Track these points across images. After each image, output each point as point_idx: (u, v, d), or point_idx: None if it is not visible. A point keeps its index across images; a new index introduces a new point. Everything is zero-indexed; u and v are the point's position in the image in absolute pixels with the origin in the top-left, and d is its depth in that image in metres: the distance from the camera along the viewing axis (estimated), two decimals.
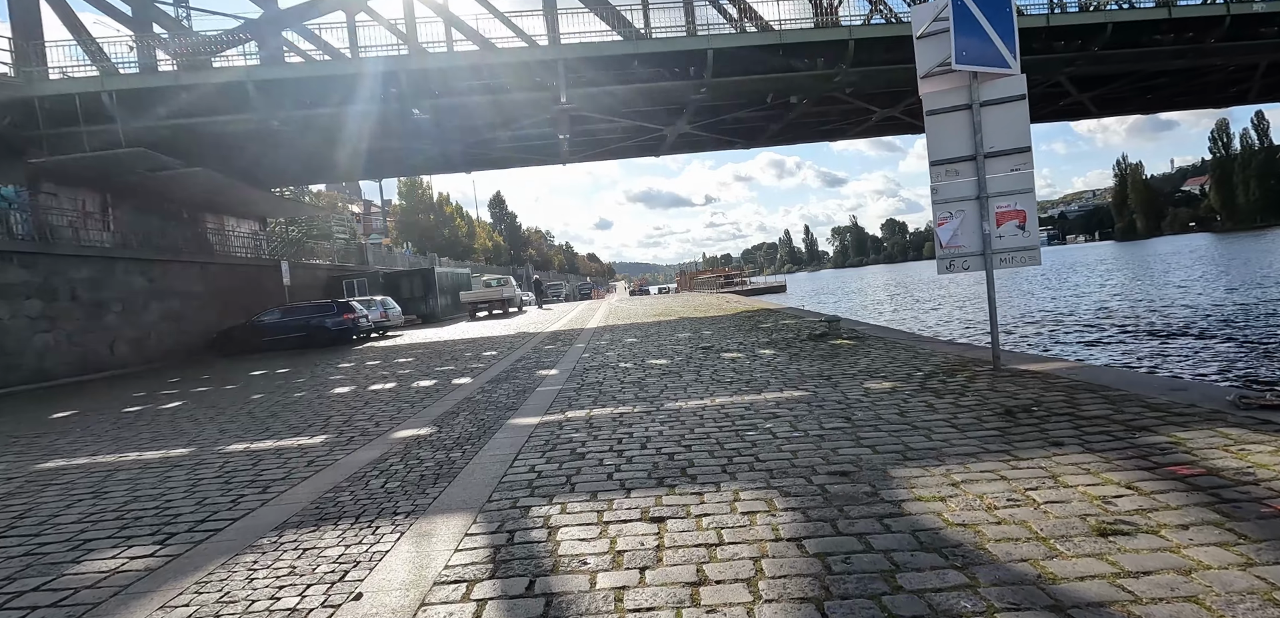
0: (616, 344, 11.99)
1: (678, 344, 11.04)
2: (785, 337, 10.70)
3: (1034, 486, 3.13)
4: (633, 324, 16.96)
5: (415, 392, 8.31)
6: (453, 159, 24.87)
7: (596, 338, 13.80)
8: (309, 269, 27.37)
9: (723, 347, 10.09)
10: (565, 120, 21.75)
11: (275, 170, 25.20)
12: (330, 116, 18.76)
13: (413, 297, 27.83)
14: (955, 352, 7.73)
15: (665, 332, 13.77)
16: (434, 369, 10.62)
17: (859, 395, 5.62)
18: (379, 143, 22.59)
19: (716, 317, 17.00)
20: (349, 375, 10.85)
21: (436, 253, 52.37)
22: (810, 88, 20.90)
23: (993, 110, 6.08)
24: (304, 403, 8.19)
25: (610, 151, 27.31)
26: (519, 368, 9.76)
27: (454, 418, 6.22)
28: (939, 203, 6.32)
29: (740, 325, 13.70)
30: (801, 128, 27.14)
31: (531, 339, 15.02)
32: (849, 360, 7.65)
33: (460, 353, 13.08)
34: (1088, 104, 27.53)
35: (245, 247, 25.50)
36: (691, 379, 7.27)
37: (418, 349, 15.15)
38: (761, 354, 8.87)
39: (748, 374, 7.26)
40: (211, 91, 17.62)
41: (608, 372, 8.47)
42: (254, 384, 10.85)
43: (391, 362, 12.54)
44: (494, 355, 12.08)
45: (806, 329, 11.41)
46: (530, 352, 12.14)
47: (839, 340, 9.60)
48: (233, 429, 6.73)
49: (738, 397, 5.98)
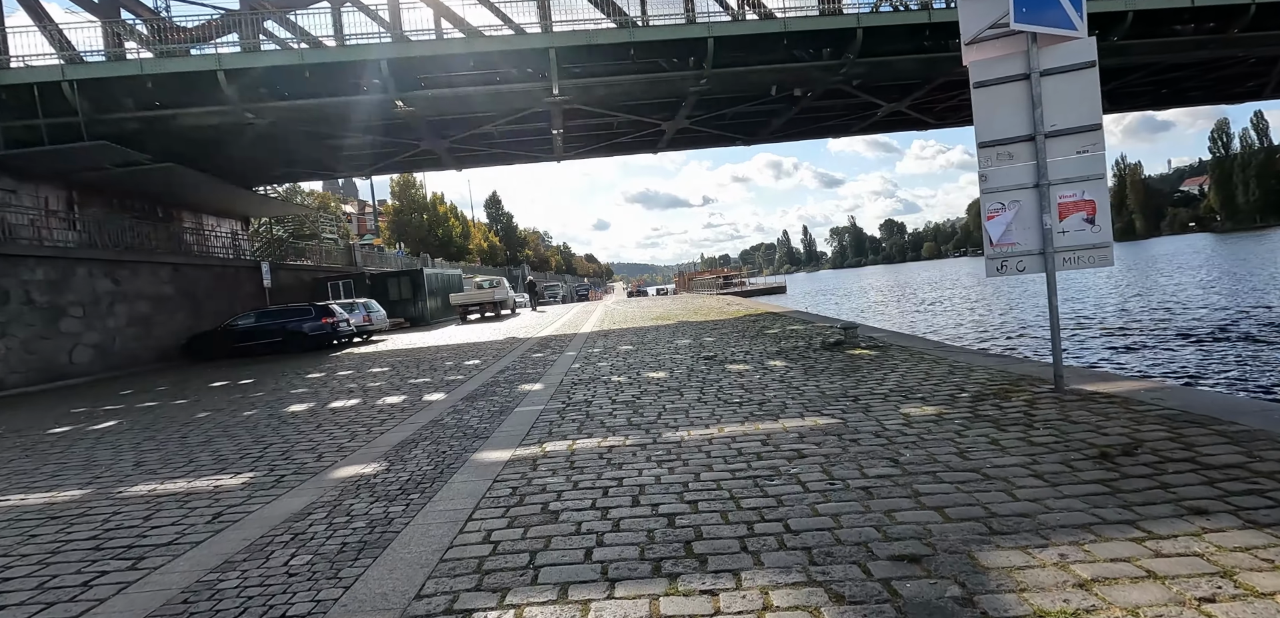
0: (610, 353, 10.98)
1: (677, 353, 10.03)
2: (796, 345, 9.69)
3: (1204, 589, 2.13)
4: (629, 329, 15.95)
5: (378, 411, 7.29)
6: (441, 155, 23.83)
7: (589, 345, 12.78)
8: (293, 271, 26.30)
9: (727, 357, 9.08)
10: (558, 114, 20.74)
11: (256, 168, 24.15)
12: (308, 109, 17.73)
13: (401, 299, 26.75)
14: (997, 366, 6.72)
15: (663, 338, 12.77)
16: (407, 382, 9.59)
17: (899, 424, 4.61)
18: (362, 138, 21.56)
19: (718, 321, 16.00)
20: (314, 389, 9.82)
21: (428, 253, 51.26)
22: (815, 79, 19.91)
23: (1056, 81, 5.08)
24: (250, 425, 7.16)
25: (606, 148, 26.30)
26: (500, 381, 8.75)
27: (411, 450, 5.20)
28: (989, 192, 5.31)
29: (744, 331, 12.69)
30: (804, 123, 26.15)
31: (520, 346, 14.00)
32: (874, 375, 6.65)
33: (441, 362, 12.05)
34: None
35: (225, 247, 24.44)
36: (694, 399, 6.26)
37: (397, 357, 14.12)
38: (772, 366, 7.86)
39: (759, 393, 6.25)
40: (180, 82, 16.58)
41: (598, 387, 7.46)
42: (208, 398, 9.82)
43: (365, 372, 11.51)
44: (476, 365, 11.05)
45: (819, 336, 10.41)
46: (516, 361, 11.12)
47: (857, 350, 8.59)
48: (151, 462, 5.70)
49: (750, 424, 4.97)
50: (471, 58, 17.68)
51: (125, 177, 18.41)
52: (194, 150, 20.43)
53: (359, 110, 18.04)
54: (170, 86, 16.80)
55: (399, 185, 54.21)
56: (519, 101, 18.90)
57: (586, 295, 72.64)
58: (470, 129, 21.46)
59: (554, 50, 17.20)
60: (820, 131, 28.35)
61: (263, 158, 23.17)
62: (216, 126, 18.23)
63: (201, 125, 18.00)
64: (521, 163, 27.33)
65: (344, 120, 19.05)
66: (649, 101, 21.64)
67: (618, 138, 24.98)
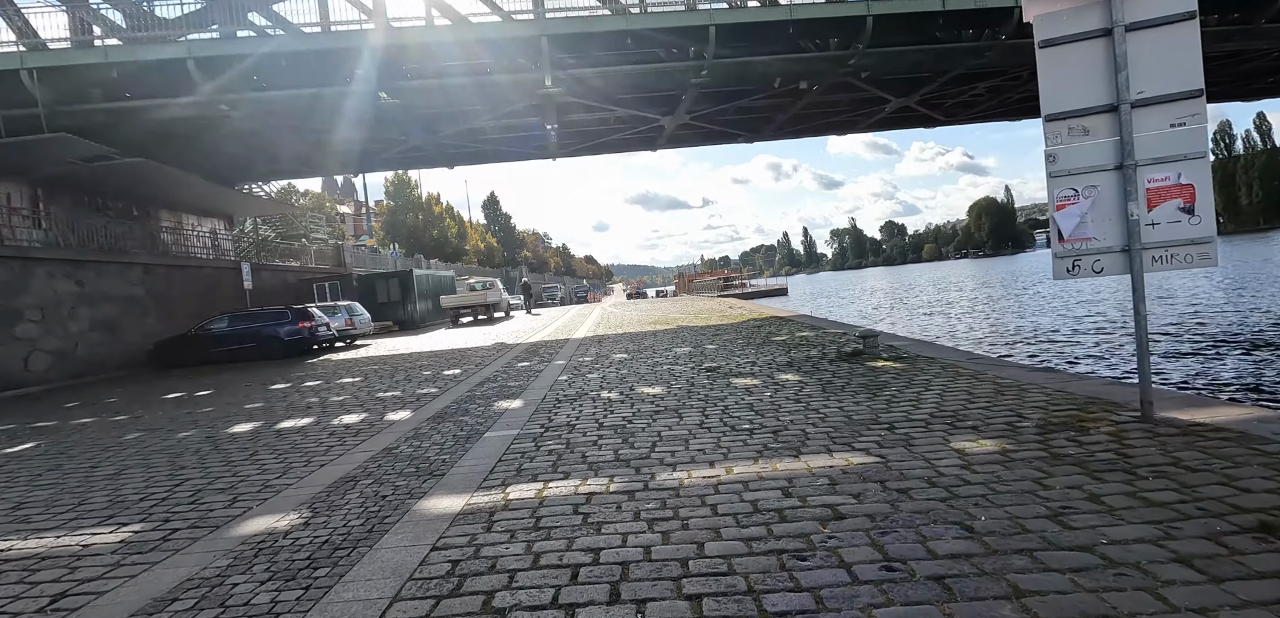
0: (603, 362, 9.99)
1: (676, 363, 9.04)
2: (808, 355, 8.70)
3: None
4: (625, 334, 14.96)
5: (329, 434, 6.29)
6: (430, 152, 22.84)
7: (581, 352, 11.79)
8: (277, 272, 25.30)
9: (732, 368, 8.09)
10: (552, 109, 19.74)
11: (238, 164, 23.15)
12: (286, 102, 16.74)
13: (389, 302, 25.71)
14: (1053, 383, 5.73)
15: (661, 345, 11.78)
16: (374, 396, 8.60)
17: (955, 466, 3.63)
18: (348, 134, 20.56)
19: (720, 326, 15.01)
20: (270, 404, 8.82)
21: (423, 254, 50.25)
22: (822, 71, 18.93)
23: (1145, 36, 4.10)
24: (177, 451, 6.17)
25: (603, 145, 25.28)
26: (476, 396, 7.75)
27: (346, 494, 4.21)
28: (1058, 176, 4.33)
29: (749, 337, 11.70)
30: (809, 119, 25.15)
31: (507, 353, 13.01)
32: (907, 395, 5.66)
33: (418, 372, 11.06)
34: None
35: (205, 247, 23.44)
36: (695, 423, 5.27)
37: (374, 365, 13.13)
38: (784, 381, 6.87)
39: (772, 416, 5.25)
40: (147, 72, 15.58)
41: (585, 406, 6.47)
42: (151, 414, 8.82)
43: (333, 382, 10.52)
44: (455, 375, 10.06)
45: (833, 345, 9.41)
46: (500, 370, 10.13)
47: (879, 362, 7.60)
48: (34, 504, 4.70)
49: (766, 463, 3.98)
50: (459, 46, 16.70)
51: (93, 172, 17.42)
52: (169, 146, 19.45)
53: (341, 104, 17.05)
54: (138, 77, 15.80)
55: (394, 185, 53.22)
56: (510, 95, 17.91)
57: (585, 297, 71.60)
58: (460, 125, 20.47)
59: (546, 38, 16.21)
60: (825, 128, 27.34)
61: (244, 154, 22.17)
62: (189, 120, 17.24)
63: (173, 119, 16.99)
64: (516, 161, 26.36)
65: (326, 114, 18.06)
66: (647, 95, 20.65)
67: (615, 135, 23.98)
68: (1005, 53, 18.79)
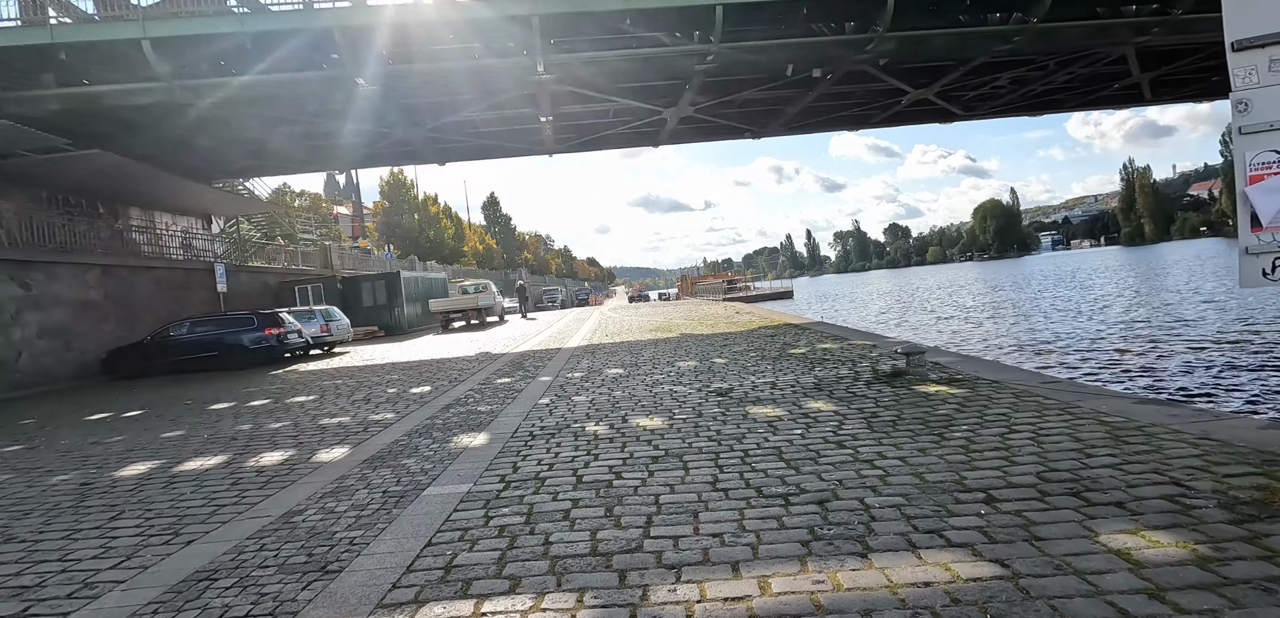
0: (594, 380, 8.57)
1: (680, 384, 7.62)
2: (838, 373, 7.27)
3: None
4: (622, 344, 13.55)
5: (231, 485, 4.88)
6: (418, 147, 21.45)
7: (572, 366, 10.37)
8: (257, 274, 23.92)
9: (748, 391, 6.67)
10: (547, 99, 18.36)
11: (213, 159, 21.78)
12: (253, 88, 15.36)
13: (376, 305, 24.27)
14: (1190, 426, 4.28)
15: (662, 357, 10.35)
16: (317, 422, 7.19)
17: (1135, 593, 2.20)
18: (326, 125, 19.21)
19: (728, 334, 13.58)
20: (191, 432, 7.42)
21: (418, 256, 48.88)
22: (837, 58, 17.50)
23: None
24: (24, 508, 4.76)
25: (602, 140, 23.87)
26: (435, 427, 6.34)
27: (178, 613, 2.80)
28: (1253, 131, 2.90)
29: (762, 348, 10.27)
30: (820, 113, 23.72)
31: (489, 366, 11.60)
32: (985, 439, 4.24)
33: (381, 389, 9.65)
34: (1144, 87, 24.19)
35: (180, 247, 22.07)
36: (706, 482, 3.86)
37: (338, 379, 11.73)
38: (815, 412, 5.45)
39: (812, 472, 3.84)
40: (100, 53, 14.23)
41: (563, 446, 5.06)
42: (50, 443, 7.42)
43: (283, 402, 9.11)
44: (422, 395, 8.65)
45: (864, 360, 7.97)
46: (474, 389, 8.72)
47: (930, 386, 6.17)
48: None
49: (821, 570, 2.56)
50: (444, 27, 15.31)
51: (50, 165, 16.09)
52: (136, 138, 18.10)
53: (313, 91, 15.68)
54: (89, 59, 14.45)
55: (389, 186, 51.90)
56: (500, 82, 16.50)
57: (586, 300, 70.23)
58: (449, 117, 19.06)
59: (538, 17, 14.81)
60: (836, 123, 25.89)
61: (219, 148, 20.80)
62: (153, 110, 15.88)
63: (137, 107, 15.63)
64: (510, 157, 24.95)
65: (301, 104, 16.71)
66: (647, 86, 19.26)
67: (614, 129, 22.58)
68: (1034, 37, 17.37)
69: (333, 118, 18.58)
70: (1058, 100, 26.07)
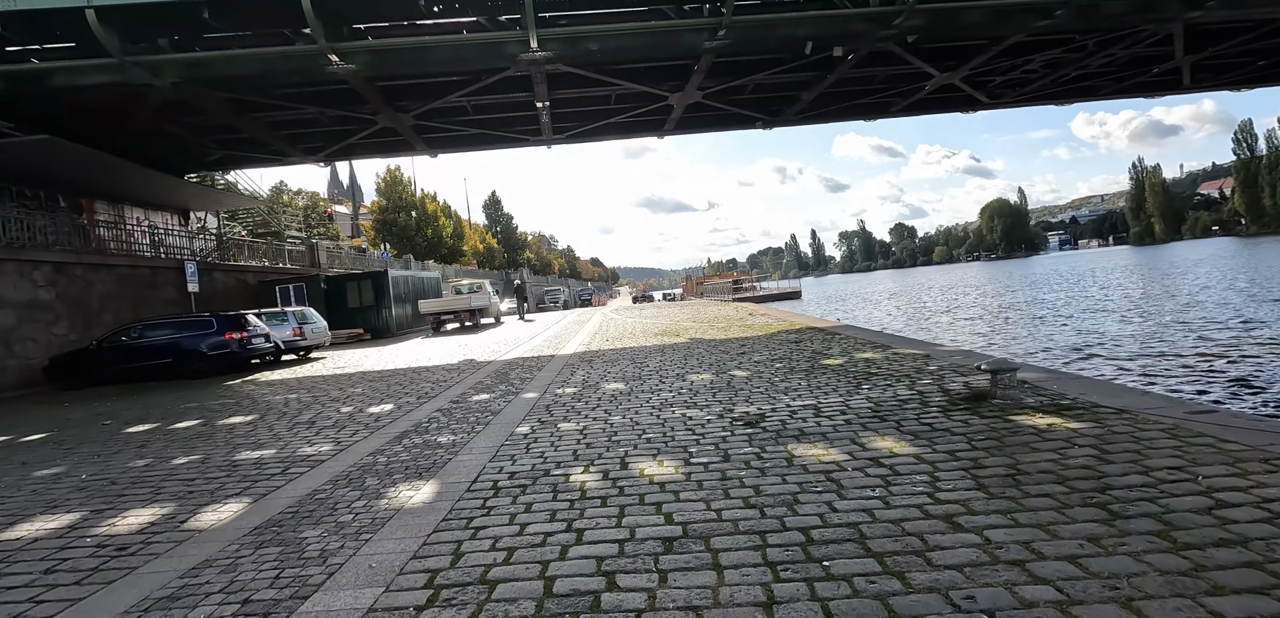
0: (588, 399, 7.02)
1: (695, 405, 6.06)
2: (895, 393, 5.70)
3: None
4: (624, 350, 11.99)
5: (47, 569, 3.33)
6: (404, 135, 19.85)
7: (564, 378, 8.82)
8: (236, 273, 22.40)
9: (785, 420, 5.10)
10: (542, 80, 16.80)
11: (187, 149, 20.29)
12: (214, 65, 13.85)
13: (361, 307, 22.71)
14: None
15: (671, 368, 8.79)
16: (235, 455, 5.65)
17: None
18: (304, 111, 17.71)
19: (743, 339, 12.01)
20: (72, 468, 5.90)
21: (415, 255, 47.36)
22: (860, 34, 15.89)
23: None
24: None
25: (603, 129, 22.26)
26: (372, 471, 4.79)
27: None
28: None
29: (788, 358, 8.70)
30: (835, 100, 22.10)
31: (469, 377, 10.06)
32: (1182, 513, 2.66)
33: (333, 408, 8.11)
34: (1185, 72, 22.52)
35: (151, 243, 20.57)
36: (751, 604, 2.28)
37: (293, 392, 10.20)
38: (888, 456, 3.87)
39: (926, 580, 2.25)
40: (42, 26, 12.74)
41: (536, 513, 3.51)
42: None
43: (213, 423, 7.57)
44: (380, 416, 7.10)
45: (926, 376, 6.38)
46: (440, 410, 7.17)
47: (1034, 416, 4.59)
48: None
49: None
50: None
51: None
52: (98, 124, 16.66)
53: (281, 69, 14.14)
54: (29, 31, 12.98)
55: (386, 183, 50.40)
56: (487, 58, 14.93)
57: (589, 300, 68.70)
58: (433, 99, 17.51)
59: None
60: (852, 111, 24.21)
61: (189, 137, 19.33)
62: (105, 90, 14.38)
63: (82, 85, 14.13)
64: (506, 146, 23.39)
65: (266, 84, 15.19)
66: (653, 65, 17.73)
67: (616, 116, 21.00)
68: (1076, 14, 15.82)
69: (308, 102, 17.07)
70: (1090, 88, 24.43)
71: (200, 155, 21.21)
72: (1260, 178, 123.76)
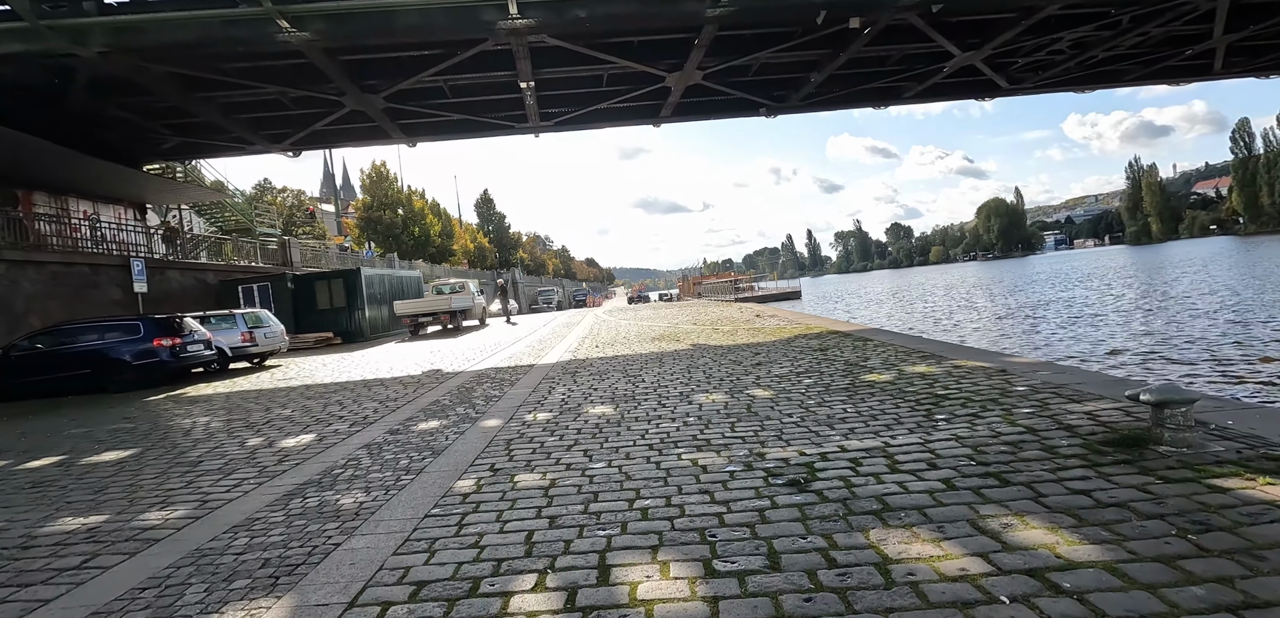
0: (563, 431, 5.29)
1: (707, 442, 4.33)
2: (991, 425, 3.98)
3: None
4: (616, 358, 10.26)
5: None
6: (375, 119, 18.07)
7: (540, 398, 7.10)
8: (194, 271, 20.57)
9: (842, 472, 3.39)
10: (524, 55, 15.07)
11: (134, 135, 18.48)
12: (146, 30, 12.08)
13: (332, 308, 20.84)
14: None
15: (672, 384, 7.07)
16: (42, 528, 3.91)
17: None
18: (262, 90, 15.94)
19: (755, 346, 10.30)
20: None
21: (400, 254, 45.48)
22: (881, 2, 14.24)
23: None
24: None
25: (595, 114, 20.50)
26: (215, 567, 3.05)
27: None
28: None
29: (818, 372, 6.99)
30: (845, 83, 20.41)
31: (428, 393, 8.33)
32: None
33: (237, 440, 6.37)
34: (1218, 53, 20.98)
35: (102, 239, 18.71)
36: None
37: (207, 415, 8.46)
38: (1056, 560, 2.14)
39: None
40: None
41: None
42: None
43: (71, 465, 5.82)
44: (291, 452, 5.37)
45: (1011, 396, 4.66)
46: (369, 448, 5.44)
47: (1244, 479, 2.89)
48: None
49: None
50: None
51: None
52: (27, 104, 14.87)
53: (226, 35, 12.36)
54: None
55: (370, 179, 48.53)
56: (460, 24, 13.17)
57: (584, 301, 67.06)
58: (404, 77, 15.75)
59: None
60: (862, 97, 22.49)
61: (138, 123, 17.52)
62: (20, 60, 12.59)
63: (10, 56, 12.34)
64: (489, 134, 21.63)
65: (209, 55, 13.41)
66: (649, 38, 16.05)
67: (608, 100, 19.28)
68: None
69: (263, 79, 15.31)
70: (1115, 72, 22.83)
71: (154, 143, 19.39)
72: (1259, 177, 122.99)
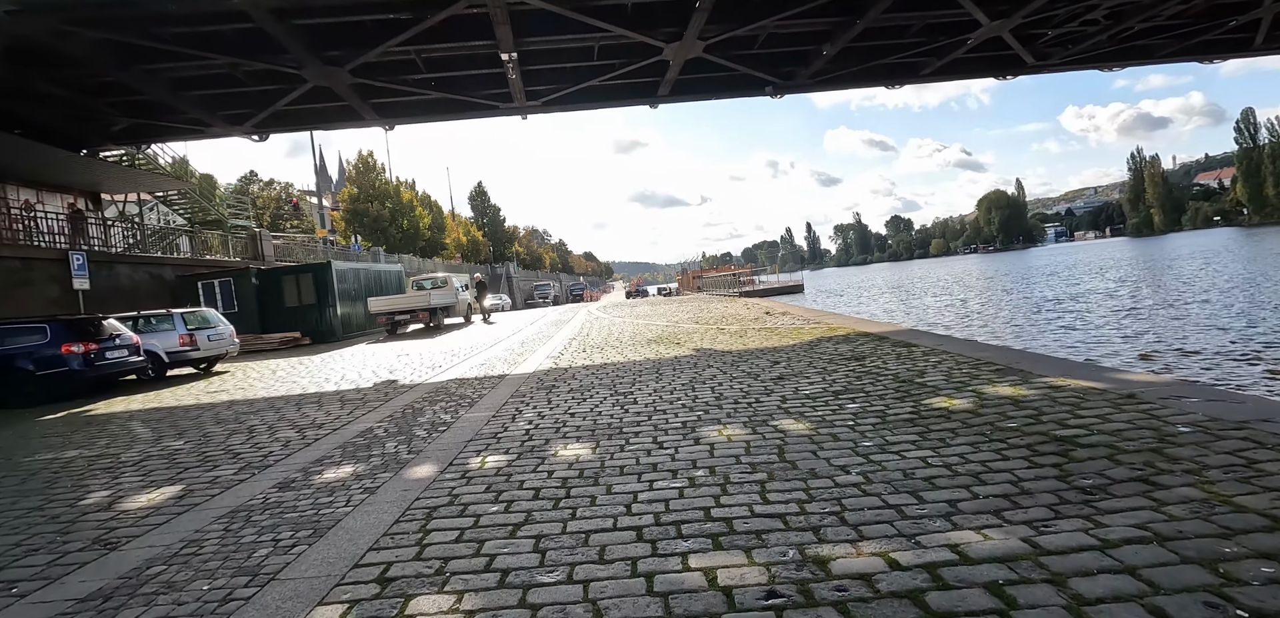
0: (513, 493, 3.65)
1: (729, 529, 2.69)
2: (1178, 497, 2.34)
3: None
4: (606, 367, 8.61)
5: None
6: (344, 96, 16.32)
7: (499, 426, 5.45)
8: (149, 266, 18.85)
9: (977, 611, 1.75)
10: (503, 19, 13.37)
11: (78, 116, 16.76)
12: None
13: (301, 305, 19.07)
14: None
15: (671, 403, 5.43)
16: None
17: None
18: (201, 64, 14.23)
19: (772, 349, 8.64)
20: None
21: (387, 247, 43.77)
22: None
23: None
24: None
25: (588, 92, 18.72)
26: None
27: None
28: None
29: (856, 387, 5.35)
30: (860, 56, 18.70)
31: (365, 418, 6.69)
32: None
33: (78, 496, 4.73)
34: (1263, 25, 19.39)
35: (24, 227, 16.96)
36: None
37: (81, 447, 6.81)
38: None
39: None
40: None
41: None
42: None
43: None
44: (134, 515, 3.72)
45: (1167, 438, 3.04)
46: (229, 519, 3.80)
47: None
48: None
49: None
50: None
51: None
52: None
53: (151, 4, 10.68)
54: None
55: (356, 169, 46.74)
56: None
57: (581, 296, 65.49)
58: (369, 47, 14.04)
59: None
60: (878, 73, 20.72)
61: (79, 102, 15.81)
62: None
63: None
64: (471, 114, 19.90)
65: (143, 16, 11.71)
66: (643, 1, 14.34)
67: (601, 76, 17.56)
68: None
69: (210, 48, 13.59)
70: (1148, 47, 21.14)
71: (102, 125, 17.65)
72: (1264, 167, 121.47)
